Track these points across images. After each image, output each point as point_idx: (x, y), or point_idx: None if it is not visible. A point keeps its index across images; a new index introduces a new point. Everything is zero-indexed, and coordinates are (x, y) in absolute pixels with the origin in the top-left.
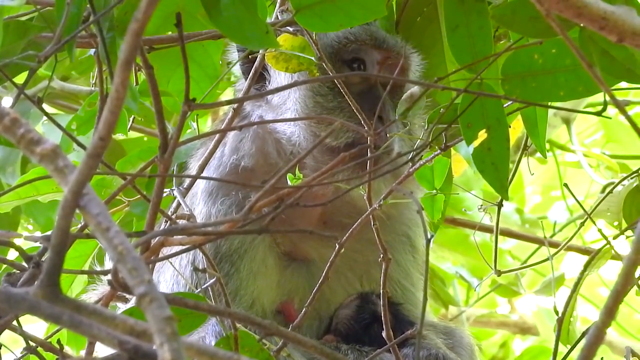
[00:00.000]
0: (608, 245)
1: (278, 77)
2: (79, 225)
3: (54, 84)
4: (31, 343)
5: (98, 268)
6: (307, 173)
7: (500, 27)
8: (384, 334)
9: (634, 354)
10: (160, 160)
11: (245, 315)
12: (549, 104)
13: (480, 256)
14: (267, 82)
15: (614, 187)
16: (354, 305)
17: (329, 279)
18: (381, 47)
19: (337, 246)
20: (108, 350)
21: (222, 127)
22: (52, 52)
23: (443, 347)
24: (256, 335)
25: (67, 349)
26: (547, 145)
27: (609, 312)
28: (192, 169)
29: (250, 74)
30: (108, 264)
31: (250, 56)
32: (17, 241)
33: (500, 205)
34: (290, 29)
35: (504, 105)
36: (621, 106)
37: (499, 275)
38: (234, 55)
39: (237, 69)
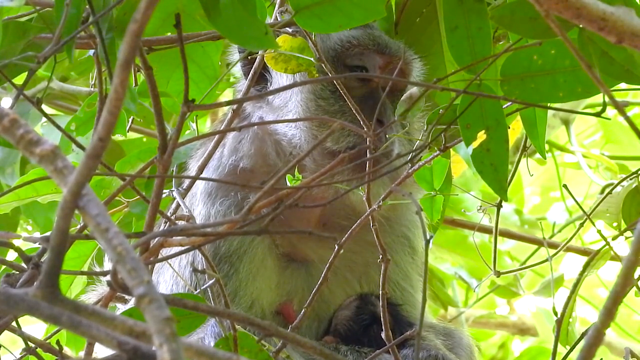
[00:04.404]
0: (607, 246)
1: (279, 78)
2: (78, 226)
3: (53, 84)
4: (30, 344)
5: (97, 269)
6: (307, 176)
7: (500, 28)
8: (383, 335)
9: (633, 355)
10: (160, 161)
11: (245, 316)
12: (548, 104)
13: (480, 257)
14: (268, 84)
15: (613, 188)
16: (353, 306)
17: (328, 280)
18: (383, 53)
19: (336, 247)
20: (107, 351)
21: (222, 128)
22: (52, 53)
23: (442, 348)
24: (255, 336)
25: (67, 350)
26: (546, 146)
27: (608, 313)
28: (192, 170)
29: (250, 74)
30: (107, 265)
31: (250, 57)
32: (16, 242)
33: (499, 206)
34: (290, 30)
35: (503, 106)
36: (620, 107)
37: (498, 276)
38: (235, 56)
39: (238, 70)
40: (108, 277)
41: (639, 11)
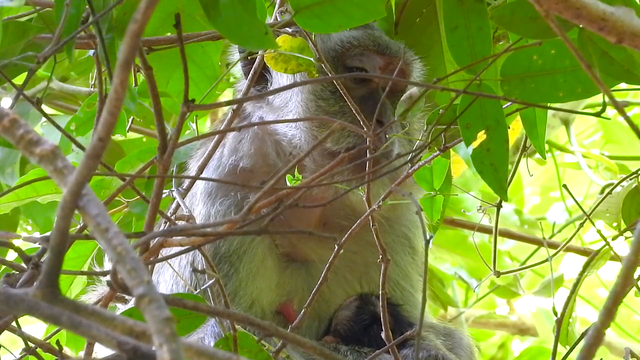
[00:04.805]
0: (607, 246)
1: (280, 78)
2: (78, 226)
3: (53, 84)
4: (30, 344)
5: (97, 269)
6: (307, 176)
7: (500, 28)
8: (383, 335)
9: (633, 355)
10: (160, 161)
11: (245, 316)
12: (548, 104)
13: (479, 257)
14: (269, 84)
15: (613, 188)
16: (353, 306)
17: (328, 280)
18: (384, 53)
19: (336, 247)
20: (107, 351)
21: (222, 128)
22: (51, 53)
23: (442, 348)
24: (255, 336)
25: (66, 350)
26: (546, 146)
27: (608, 313)
28: (192, 170)
29: (250, 74)
30: (107, 265)
31: (250, 57)
32: (16, 242)
33: (499, 206)
34: (290, 30)
35: (503, 106)
36: (620, 107)
37: (497, 276)
38: (235, 56)
39: (238, 70)
40: (108, 277)
41: (639, 11)
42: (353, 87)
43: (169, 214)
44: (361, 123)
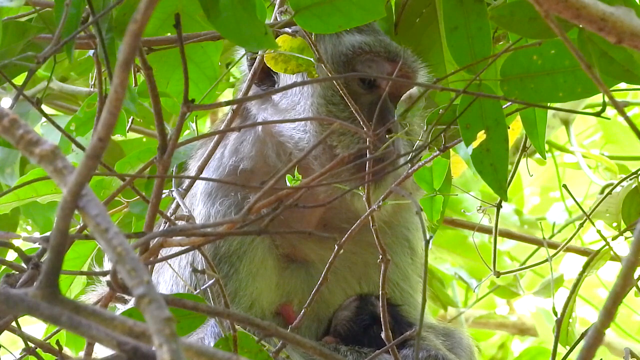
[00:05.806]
0: (607, 247)
1: (289, 79)
2: (78, 226)
3: (53, 84)
4: (30, 344)
5: (97, 269)
6: None
7: (499, 28)
8: (383, 335)
9: (633, 355)
10: (159, 161)
11: (245, 316)
12: (548, 104)
13: (479, 257)
14: (276, 85)
15: (612, 188)
16: (353, 306)
17: (327, 280)
18: (394, 60)
19: (336, 247)
20: (107, 351)
21: (222, 128)
22: (51, 53)
23: (442, 348)
24: (255, 337)
25: (66, 350)
26: (546, 146)
27: (608, 313)
28: (192, 170)
29: (249, 74)
30: (107, 265)
31: (255, 56)
32: (16, 242)
33: (499, 206)
34: (289, 30)
35: (503, 106)
36: (620, 107)
37: (497, 277)
38: (241, 54)
39: (244, 69)
40: (108, 277)
41: (638, 11)
42: (362, 93)
43: (168, 214)
44: (361, 124)
